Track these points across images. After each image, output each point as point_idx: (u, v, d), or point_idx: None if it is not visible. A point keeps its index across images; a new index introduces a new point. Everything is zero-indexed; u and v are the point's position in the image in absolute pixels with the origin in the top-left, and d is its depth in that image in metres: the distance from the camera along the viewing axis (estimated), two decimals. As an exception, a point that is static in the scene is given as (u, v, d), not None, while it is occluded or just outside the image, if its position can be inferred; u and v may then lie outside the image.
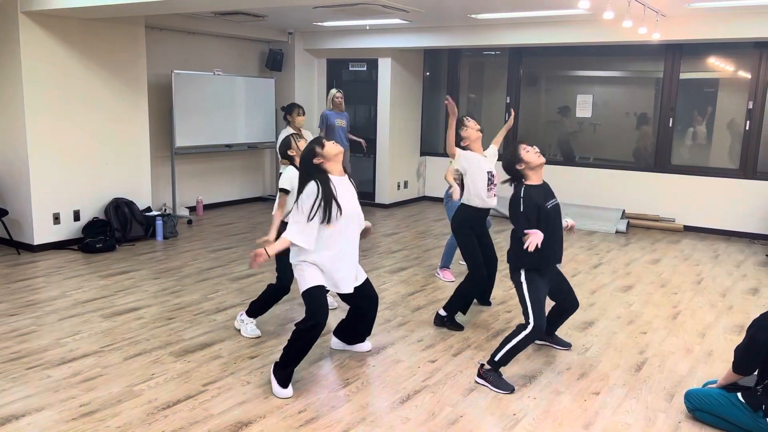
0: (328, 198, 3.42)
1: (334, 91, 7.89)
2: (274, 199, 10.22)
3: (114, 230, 6.75)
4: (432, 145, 10.19)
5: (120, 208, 6.93)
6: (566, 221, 3.93)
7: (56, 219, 6.57)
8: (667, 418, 3.36)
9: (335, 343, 4.17)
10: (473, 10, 7.00)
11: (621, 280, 5.94)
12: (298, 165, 4.30)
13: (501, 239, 7.41)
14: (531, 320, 3.61)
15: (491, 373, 3.67)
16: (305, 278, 3.53)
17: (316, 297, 3.50)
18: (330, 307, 4.68)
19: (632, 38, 7.11)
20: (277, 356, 4.01)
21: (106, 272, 5.82)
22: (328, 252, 3.52)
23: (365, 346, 4.14)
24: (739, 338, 4.23)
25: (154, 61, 7.88)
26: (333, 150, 3.54)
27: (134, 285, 5.45)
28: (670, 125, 8.27)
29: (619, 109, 8.74)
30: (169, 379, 3.67)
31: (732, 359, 3.22)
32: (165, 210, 7.95)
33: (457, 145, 4.55)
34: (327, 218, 3.43)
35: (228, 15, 7.72)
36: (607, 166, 8.73)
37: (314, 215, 3.40)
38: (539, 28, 7.68)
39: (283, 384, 3.51)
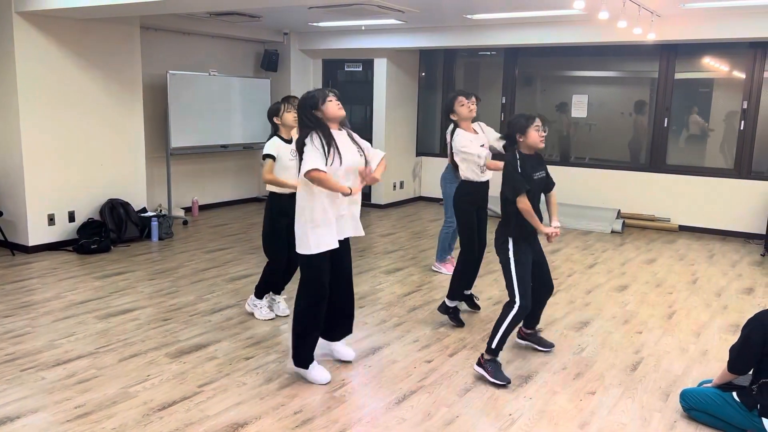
0: (329, 143, 3.39)
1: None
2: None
3: (109, 231, 6.73)
4: (428, 145, 10.19)
5: (115, 209, 6.92)
6: (554, 226, 3.83)
7: (51, 220, 6.55)
8: (662, 417, 3.37)
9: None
10: (468, 11, 7.00)
11: (616, 279, 5.95)
12: (281, 135, 4.40)
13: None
14: (516, 299, 3.64)
15: (491, 363, 3.69)
16: (309, 242, 3.46)
17: (316, 268, 3.47)
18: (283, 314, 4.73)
19: (627, 38, 7.12)
20: (273, 357, 4.01)
21: (101, 273, 5.80)
22: (323, 204, 3.45)
23: (348, 354, 3.94)
24: (734, 338, 4.24)
25: (149, 62, 7.86)
26: (334, 113, 3.46)
27: (129, 286, 5.44)
28: (665, 125, 8.29)
29: (615, 109, 8.76)
30: (165, 381, 3.66)
31: (727, 359, 3.22)
32: (160, 211, 7.93)
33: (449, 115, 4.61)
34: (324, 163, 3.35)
35: (223, 15, 7.71)
36: (602, 166, 8.75)
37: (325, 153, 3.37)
38: (534, 29, 7.69)
39: (306, 363, 3.59)
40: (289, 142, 4.38)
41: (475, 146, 4.51)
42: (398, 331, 4.51)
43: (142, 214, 7.17)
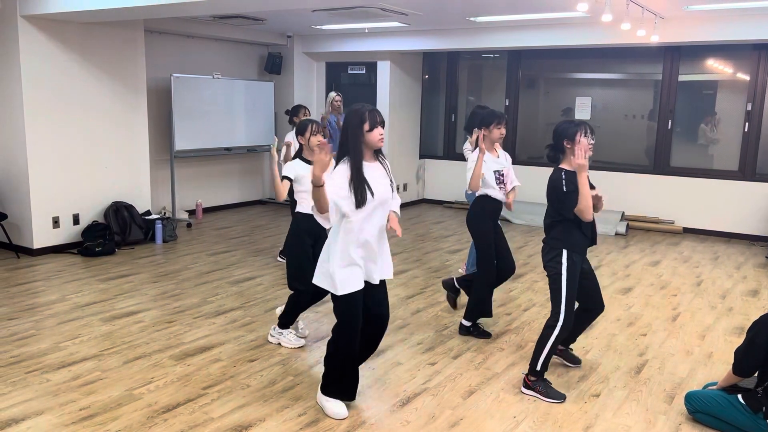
0: (358, 179, 3.17)
1: (333, 94, 7.90)
2: (273, 202, 10.21)
3: (113, 234, 6.74)
4: (431, 147, 10.19)
5: (119, 211, 6.93)
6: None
7: (56, 223, 6.57)
8: (667, 420, 3.36)
9: None
10: (472, 13, 7.01)
11: (621, 282, 5.94)
12: (305, 157, 4.21)
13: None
14: (561, 316, 3.49)
15: (539, 383, 3.58)
16: (334, 281, 3.21)
17: (346, 308, 3.24)
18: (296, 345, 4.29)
19: (631, 40, 7.12)
20: (277, 359, 4.02)
21: (106, 276, 5.81)
22: (349, 243, 3.22)
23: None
24: (739, 340, 4.23)
25: (153, 65, 7.89)
26: (374, 143, 3.19)
27: (134, 288, 5.45)
28: (669, 127, 8.28)
29: (618, 112, 8.75)
30: (169, 383, 3.66)
31: (732, 361, 3.22)
32: (164, 213, 7.94)
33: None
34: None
35: (227, 18, 7.73)
36: (606, 168, 8.73)
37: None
38: (538, 31, 7.69)
39: (334, 395, 3.34)
40: (311, 163, 4.12)
41: (490, 164, 4.40)
42: (402, 334, 4.50)
43: (147, 217, 7.18)
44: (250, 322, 4.66)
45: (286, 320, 4.25)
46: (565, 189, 3.50)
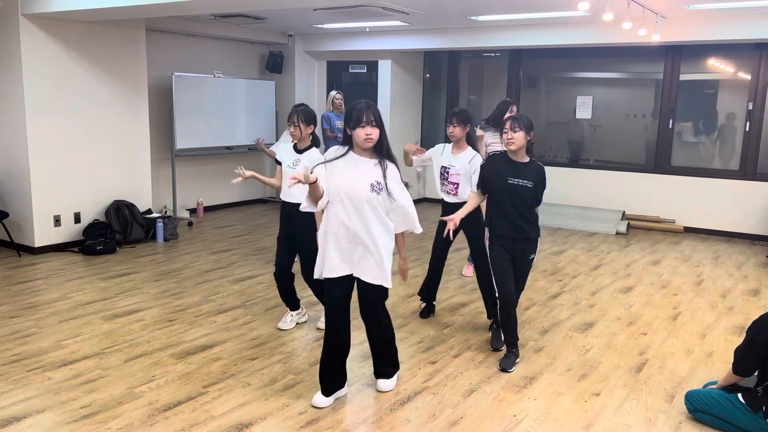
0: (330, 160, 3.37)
1: (334, 93, 7.90)
2: (274, 201, 10.21)
3: (115, 232, 6.75)
4: (432, 146, 10.15)
5: (120, 210, 6.94)
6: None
7: (57, 221, 6.58)
8: (667, 419, 3.36)
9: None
10: (473, 12, 7.01)
11: (621, 281, 5.94)
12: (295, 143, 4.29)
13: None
14: (496, 293, 3.93)
15: (512, 352, 4.03)
16: (317, 264, 3.42)
17: (327, 294, 3.40)
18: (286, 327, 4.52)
19: (632, 40, 7.12)
20: (277, 357, 4.02)
21: (107, 274, 5.82)
22: (328, 225, 3.32)
23: (383, 384, 3.60)
24: (740, 339, 4.23)
25: (155, 64, 7.89)
26: (360, 142, 3.30)
27: (135, 287, 5.46)
28: (670, 126, 8.28)
29: (620, 111, 8.75)
30: (170, 381, 3.67)
31: (732, 360, 3.22)
32: (165, 212, 7.95)
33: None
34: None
35: (228, 17, 7.73)
36: (607, 167, 8.74)
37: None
38: (539, 30, 7.69)
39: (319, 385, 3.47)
40: (298, 151, 4.25)
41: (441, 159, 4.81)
42: (403, 333, 4.51)
43: (148, 216, 7.19)
44: (250, 321, 4.67)
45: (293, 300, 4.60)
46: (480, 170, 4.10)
